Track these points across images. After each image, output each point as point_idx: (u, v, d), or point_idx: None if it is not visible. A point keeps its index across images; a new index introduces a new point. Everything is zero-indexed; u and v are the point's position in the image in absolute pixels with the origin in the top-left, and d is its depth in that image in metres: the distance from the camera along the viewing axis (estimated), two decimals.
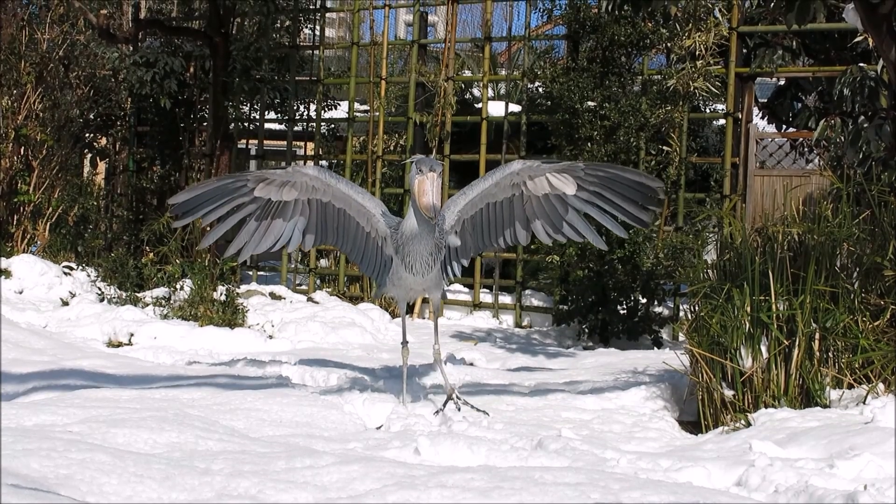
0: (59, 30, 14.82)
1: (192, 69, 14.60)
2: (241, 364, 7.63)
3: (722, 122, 12.82)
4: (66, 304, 10.44)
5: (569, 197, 6.02)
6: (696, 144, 12.06)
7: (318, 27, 14.71)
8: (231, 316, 9.45)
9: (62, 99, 14.57)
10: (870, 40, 8.47)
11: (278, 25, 14.36)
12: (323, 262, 14.42)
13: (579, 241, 6.33)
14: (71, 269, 11.82)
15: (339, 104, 15.40)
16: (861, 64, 8.85)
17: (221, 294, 9.75)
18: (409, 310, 12.48)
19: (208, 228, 12.49)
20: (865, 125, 7.60)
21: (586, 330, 10.53)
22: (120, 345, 8.61)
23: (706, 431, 5.81)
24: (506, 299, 12.56)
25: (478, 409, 5.93)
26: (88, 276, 11.64)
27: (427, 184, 5.46)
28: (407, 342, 6.20)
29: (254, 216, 6.02)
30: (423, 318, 12.17)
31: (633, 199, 5.95)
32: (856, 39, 10.42)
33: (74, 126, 14.89)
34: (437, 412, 5.82)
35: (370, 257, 6.19)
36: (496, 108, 13.63)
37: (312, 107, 14.27)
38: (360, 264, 6.29)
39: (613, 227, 6.10)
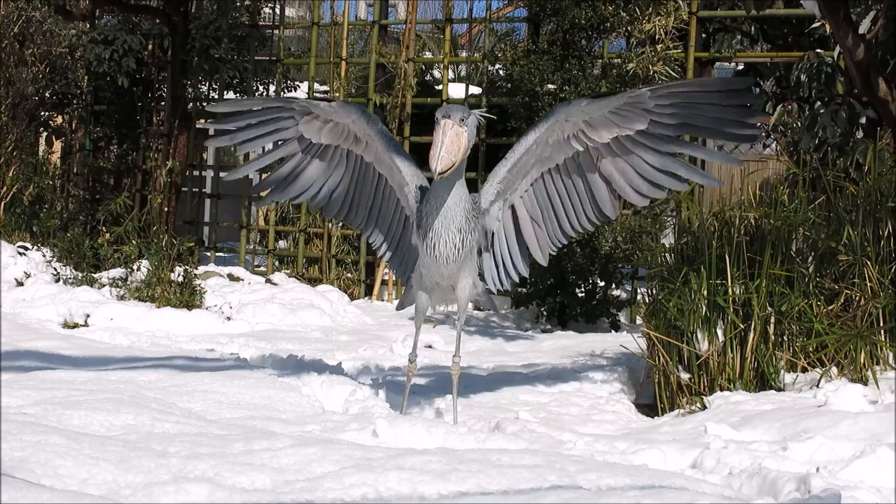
0: (13, 5, 14.59)
1: (150, 47, 14.44)
2: (198, 346, 7.60)
3: None
4: (20, 284, 10.32)
5: (643, 134, 4.70)
6: None
7: (278, 6, 14.61)
8: (189, 297, 9.39)
9: (17, 76, 14.35)
10: (827, 27, 8.54)
11: (238, 4, 14.24)
12: (282, 244, 14.35)
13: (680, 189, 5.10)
14: (26, 248, 11.68)
15: (298, 85, 15.33)
16: (818, 50, 8.94)
17: (179, 275, 9.69)
18: (369, 290, 12.42)
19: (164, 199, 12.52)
20: (822, 111, 7.69)
21: (545, 313, 10.57)
22: (76, 326, 8.53)
23: (662, 414, 5.86)
24: None
25: None
26: (44, 256, 11.51)
27: (438, 133, 4.39)
28: (415, 358, 5.14)
29: (293, 157, 5.07)
30: (382, 301, 12.11)
31: (724, 116, 4.69)
32: (813, 25, 10.49)
33: (30, 104, 14.67)
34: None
35: (403, 248, 5.06)
36: (456, 90, 13.62)
37: (272, 87, 14.18)
38: (391, 259, 5.13)
39: (688, 172, 4.86)
